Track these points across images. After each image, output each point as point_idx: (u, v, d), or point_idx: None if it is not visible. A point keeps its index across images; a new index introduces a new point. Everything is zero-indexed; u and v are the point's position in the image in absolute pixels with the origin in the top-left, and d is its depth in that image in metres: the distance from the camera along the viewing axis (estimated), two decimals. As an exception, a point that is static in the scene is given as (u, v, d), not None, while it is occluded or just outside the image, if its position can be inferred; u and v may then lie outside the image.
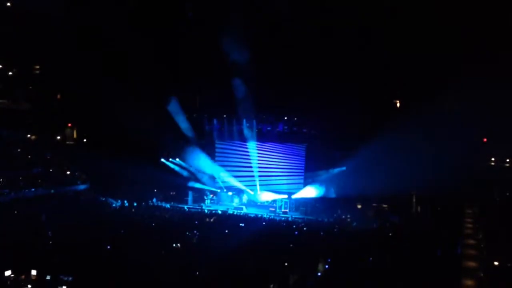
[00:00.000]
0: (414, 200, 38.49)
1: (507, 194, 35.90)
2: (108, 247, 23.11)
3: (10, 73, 46.64)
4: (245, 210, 40.37)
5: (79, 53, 40.12)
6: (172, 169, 44.33)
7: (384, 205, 39.12)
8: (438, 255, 24.40)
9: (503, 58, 33.24)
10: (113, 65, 39.87)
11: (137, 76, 39.80)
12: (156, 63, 39.33)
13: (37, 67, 47.62)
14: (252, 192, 42.72)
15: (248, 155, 43.18)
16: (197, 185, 44.24)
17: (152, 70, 39.56)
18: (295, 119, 43.02)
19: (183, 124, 42.75)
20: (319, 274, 20.53)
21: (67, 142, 48.50)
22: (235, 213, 38.82)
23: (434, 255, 24.40)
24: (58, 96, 48.22)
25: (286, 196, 41.74)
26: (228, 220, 34.70)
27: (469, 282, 19.16)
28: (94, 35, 39.72)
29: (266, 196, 42.12)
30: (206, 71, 40.09)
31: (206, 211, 39.27)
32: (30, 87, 47.42)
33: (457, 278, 19.83)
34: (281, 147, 42.72)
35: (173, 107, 41.90)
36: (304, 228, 32.38)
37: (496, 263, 21.55)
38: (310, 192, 41.01)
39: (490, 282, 19.02)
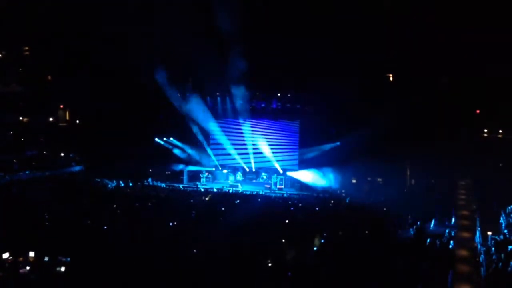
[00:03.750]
0: (408, 173, 38.78)
1: (500, 165, 36.18)
2: (105, 227, 23.22)
3: (0, 55, 46.10)
4: (240, 188, 40.52)
5: (69, 33, 39.72)
6: (167, 148, 44.31)
7: (379, 179, 39.39)
8: (432, 227, 24.73)
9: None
10: (104, 44, 39.41)
11: (128, 55, 39.39)
12: (147, 41, 38.99)
13: (27, 48, 47.05)
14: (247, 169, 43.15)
15: (242, 133, 43.17)
16: (192, 164, 44.34)
17: (144, 47, 39.22)
18: (288, 95, 42.87)
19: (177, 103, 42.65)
20: (315, 249, 20.74)
21: (60, 124, 48.24)
22: (230, 190, 38.96)
23: (428, 226, 24.73)
24: (49, 78, 47.75)
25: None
26: (223, 197, 34.87)
27: (463, 252, 19.44)
28: (84, 15, 39.18)
29: None
30: (197, 48, 39.68)
31: (201, 189, 39.41)
32: (21, 69, 46.91)
33: (452, 248, 20.13)
34: (275, 124, 42.69)
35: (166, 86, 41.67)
36: (300, 204, 32.60)
37: (489, 233, 21.88)
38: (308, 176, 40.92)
39: (483, 252, 19.32)
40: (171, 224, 24.47)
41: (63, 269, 16.91)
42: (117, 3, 36.67)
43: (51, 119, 47.78)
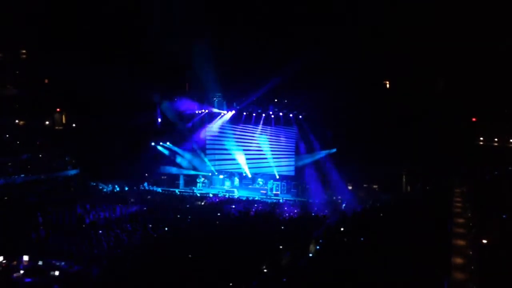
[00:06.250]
0: (404, 180, 38.82)
1: (496, 173, 36.24)
2: (100, 231, 23.14)
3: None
4: (236, 193, 40.46)
5: (66, 36, 39.67)
6: (163, 153, 44.22)
7: (375, 186, 39.41)
8: (428, 234, 24.69)
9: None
10: (101, 48, 39.43)
11: (125, 60, 39.39)
12: (145, 47, 39.07)
13: (24, 51, 46.97)
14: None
15: (238, 138, 43.17)
16: (188, 169, 44.27)
17: (142, 54, 39.29)
18: (285, 101, 42.92)
19: (174, 108, 42.71)
20: (310, 255, 20.70)
21: (56, 127, 48.10)
22: (226, 196, 38.91)
23: (424, 234, 24.69)
24: (46, 81, 47.65)
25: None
26: (219, 203, 34.82)
27: (458, 260, 19.38)
28: (80, 18, 39.19)
29: None
30: (195, 54, 39.74)
31: (197, 194, 39.34)
32: (17, 72, 46.80)
33: (447, 256, 20.09)
34: (271, 130, 42.72)
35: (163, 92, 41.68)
36: (295, 210, 32.58)
37: (484, 241, 21.86)
38: None
39: (478, 260, 19.29)
40: (166, 228, 24.41)
41: (57, 273, 16.83)
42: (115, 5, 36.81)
43: (47, 122, 47.61)
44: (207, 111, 43.52)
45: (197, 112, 43.67)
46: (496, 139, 40.24)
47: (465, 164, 35.11)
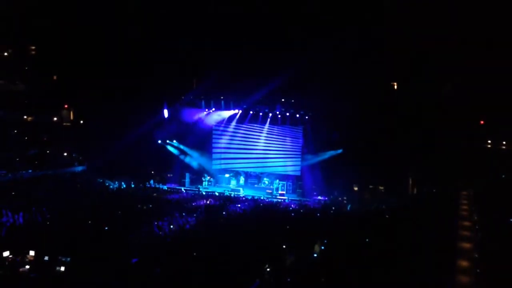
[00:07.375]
0: (410, 182, 38.68)
1: (503, 176, 36.06)
2: (106, 228, 23.22)
3: (6, 54, 46.23)
4: (242, 192, 40.48)
5: (75, 33, 39.88)
6: (170, 151, 44.33)
7: (381, 187, 39.31)
8: (433, 237, 24.62)
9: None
10: (109, 45, 39.60)
11: (132, 57, 39.55)
12: (152, 44, 39.17)
13: (33, 47, 47.20)
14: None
15: (245, 138, 43.19)
16: (195, 167, 44.34)
17: (148, 51, 39.40)
18: (292, 101, 42.89)
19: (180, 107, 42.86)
20: (315, 255, 20.68)
21: (64, 124, 48.32)
22: (232, 195, 38.94)
23: (429, 236, 24.62)
24: (55, 77, 47.87)
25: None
26: (224, 201, 34.82)
27: (463, 263, 19.33)
28: (90, 16, 39.33)
29: None
30: (203, 53, 39.78)
31: (203, 193, 39.39)
32: (26, 68, 47.04)
33: (452, 259, 20.03)
34: (278, 130, 42.72)
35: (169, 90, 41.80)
36: (301, 210, 32.54)
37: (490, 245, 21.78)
38: None
39: (484, 263, 19.23)
40: (171, 226, 24.46)
41: (62, 268, 16.89)
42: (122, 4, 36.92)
43: (55, 118, 47.85)
44: (214, 109, 43.53)
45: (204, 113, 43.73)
46: (503, 143, 40.06)
47: (472, 167, 34.97)
